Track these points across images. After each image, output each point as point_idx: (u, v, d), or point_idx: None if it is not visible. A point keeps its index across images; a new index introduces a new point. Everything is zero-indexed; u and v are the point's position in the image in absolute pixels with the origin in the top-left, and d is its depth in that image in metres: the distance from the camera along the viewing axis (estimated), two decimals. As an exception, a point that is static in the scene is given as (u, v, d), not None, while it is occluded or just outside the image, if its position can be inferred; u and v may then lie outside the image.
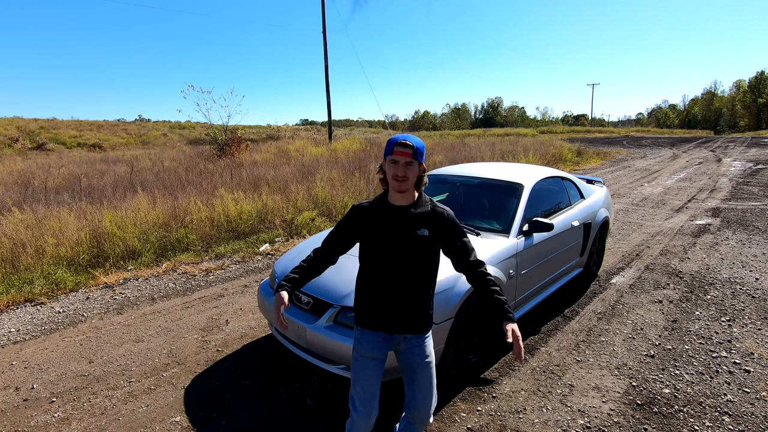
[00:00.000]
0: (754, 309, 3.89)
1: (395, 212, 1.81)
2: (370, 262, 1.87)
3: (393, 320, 1.85)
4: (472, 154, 14.94)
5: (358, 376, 1.91)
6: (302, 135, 34.05)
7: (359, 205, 1.92)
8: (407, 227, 1.79)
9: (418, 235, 1.78)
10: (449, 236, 1.83)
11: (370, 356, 1.89)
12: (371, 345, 1.89)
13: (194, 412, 2.66)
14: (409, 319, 1.85)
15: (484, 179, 4.00)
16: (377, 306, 1.86)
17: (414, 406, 1.91)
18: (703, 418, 2.52)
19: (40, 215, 6.01)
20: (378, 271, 1.85)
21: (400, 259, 1.80)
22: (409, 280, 1.82)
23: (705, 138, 36.83)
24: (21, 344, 3.57)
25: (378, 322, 1.87)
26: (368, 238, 1.86)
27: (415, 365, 1.89)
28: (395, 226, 1.80)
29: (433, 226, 1.81)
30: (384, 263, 1.83)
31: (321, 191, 8.11)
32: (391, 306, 1.84)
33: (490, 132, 47.44)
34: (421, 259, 1.81)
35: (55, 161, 16.49)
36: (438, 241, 1.83)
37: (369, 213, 1.87)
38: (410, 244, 1.78)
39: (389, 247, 1.80)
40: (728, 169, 13.97)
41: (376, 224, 1.83)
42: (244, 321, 3.86)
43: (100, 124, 36.52)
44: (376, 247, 1.83)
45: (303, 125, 67.22)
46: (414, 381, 1.90)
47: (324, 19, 20.51)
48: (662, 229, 6.72)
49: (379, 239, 1.82)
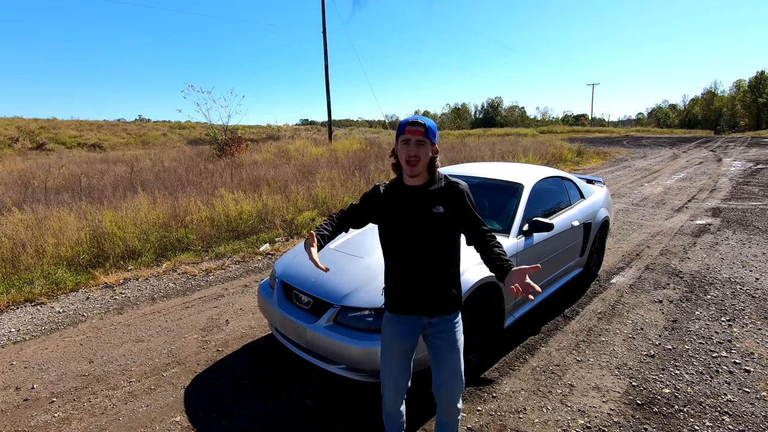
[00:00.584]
0: (754, 309, 3.89)
1: (409, 192, 1.82)
2: (390, 244, 1.88)
3: (416, 302, 1.85)
4: (472, 154, 14.93)
5: (385, 364, 1.95)
6: (302, 135, 34.04)
7: (379, 186, 1.94)
8: (422, 206, 1.79)
9: (433, 213, 1.78)
10: (463, 210, 1.81)
11: (397, 343, 1.91)
12: (397, 332, 1.91)
13: (194, 412, 2.66)
14: (432, 300, 1.84)
15: (485, 179, 4.00)
16: (400, 288, 1.87)
17: (439, 391, 1.91)
18: (703, 417, 2.52)
19: (40, 215, 6.01)
20: (397, 252, 1.86)
21: (417, 239, 1.80)
22: (428, 259, 1.81)
23: (705, 138, 36.82)
24: (21, 344, 3.57)
25: (402, 304, 1.88)
26: (385, 220, 1.87)
27: (439, 350, 1.88)
28: (410, 205, 1.80)
29: (448, 202, 1.80)
30: (402, 244, 1.83)
31: (321, 191, 8.11)
32: (413, 287, 1.84)
33: (490, 132, 47.43)
34: (439, 237, 1.80)
35: (55, 161, 16.49)
36: (454, 217, 1.81)
37: (385, 195, 1.89)
38: (426, 222, 1.78)
39: (406, 228, 1.81)
40: (728, 169, 13.97)
41: (391, 206, 1.85)
42: (244, 321, 3.86)
43: (100, 124, 36.52)
44: (393, 228, 1.85)
45: (303, 125, 67.20)
46: (439, 365, 1.89)
47: (324, 18, 20.52)
48: (662, 228, 6.72)
49: (396, 220, 1.83)
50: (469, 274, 2.75)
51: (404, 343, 1.92)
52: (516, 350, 3.29)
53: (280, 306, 2.95)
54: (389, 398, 1.99)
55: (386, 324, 1.95)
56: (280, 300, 3.00)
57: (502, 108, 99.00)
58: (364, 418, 2.57)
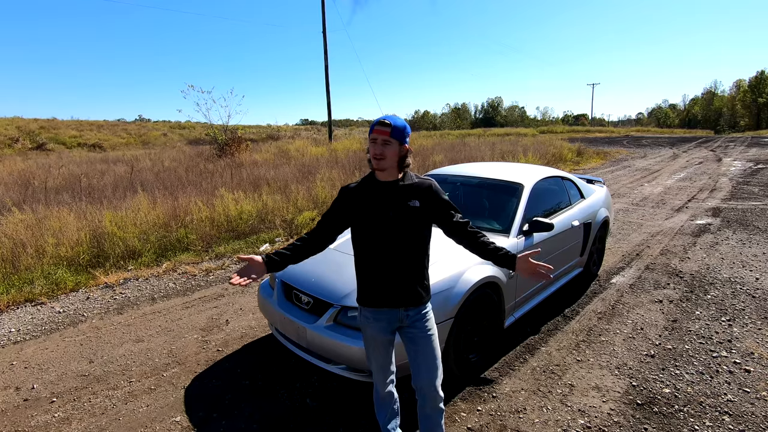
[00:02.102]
0: (754, 309, 3.89)
1: (384, 187, 1.87)
2: (365, 239, 1.91)
3: (392, 294, 1.90)
4: (472, 153, 14.93)
5: (369, 354, 2.05)
6: (302, 135, 34.05)
7: (347, 187, 1.98)
8: (398, 200, 1.85)
9: (410, 206, 1.84)
10: (437, 204, 1.90)
11: (379, 337, 1.98)
12: (376, 324, 1.96)
13: (194, 412, 2.66)
14: (407, 292, 1.90)
15: (485, 179, 4.00)
16: (376, 282, 1.92)
17: (419, 379, 1.95)
18: (703, 417, 2.52)
19: (41, 215, 6.01)
20: (373, 247, 1.89)
21: (394, 232, 1.85)
22: (403, 252, 1.87)
23: (705, 138, 36.81)
24: (21, 344, 3.57)
25: (378, 298, 1.92)
26: (360, 215, 1.90)
27: (416, 338, 1.94)
28: (386, 200, 1.85)
29: (423, 197, 1.87)
30: (378, 238, 1.87)
31: (321, 191, 8.11)
32: (389, 280, 1.89)
33: (490, 132, 47.40)
34: (415, 230, 1.87)
35: (55, 161, 16.49)
36: (428, 211, 1.89)
37: (358, 192, 1.92)
38: (403, 215, 1.84)
39: (383, 221, 1.85)
40: (728, 169, 13.96)
41: (366, 201, 1.88)
42: (244, 321, 3.86)
43: (100, 124, 36.53)
44: (369, 223, 1.87)
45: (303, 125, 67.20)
46: (417, 354, 1.94)
47: (324, 18, 20.52)
48: (662, 228, 6.72)
49: (372, 215, 1.86)
50: (469, 274, 2.75)
51: (386, 336, 1.98)
52: (516, 350, 3.29)
53: (280, 306, 2.95)
54: (381, 389, 2.09)
55: (364, 321, 1.99)
56: (280, 300, 3.00)
57: (502, 108, 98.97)
58: (364, 418, 2.57)
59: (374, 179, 1.91)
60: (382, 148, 1.78)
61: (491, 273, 2.90)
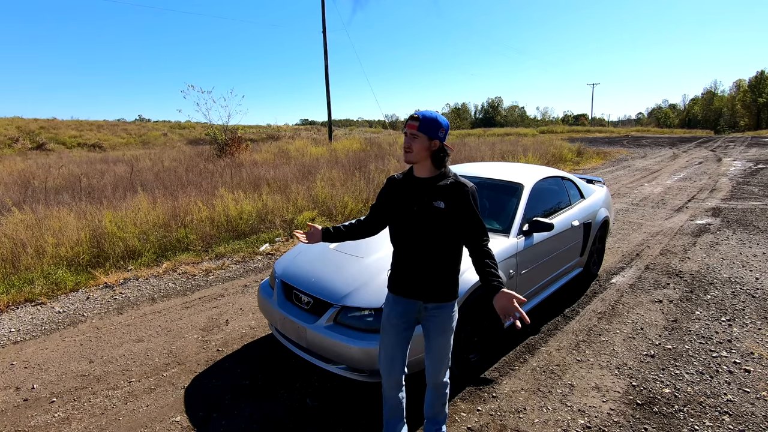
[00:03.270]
0: (754, 309, 3.89)
1: (417, 183, 1.92)
2: (392, 229, 2.01)
3: (412, 286, 1.96)
4: (472, 153, 14.94)
5: (382, 341, 2.08)
6: (302, 135, 34.04)
7: (392, 177, 2.06)
8: (425, 197, 1.88)
9: (434, 206, 1.86)
10: (465, 210, 1.87)
11: (394, 322, 2.02)
12: (394, 310, 2.03)
13: (194, 411, 2.66)
14: (426, 287, 1.94)
15: (485, 179, 4.00)
16: (400, 272, 1.99)
17: (427, 370, 2.07)
18: (703, 417, 2.52)
19: (40, 215, 6.01)
20: (398, 237, 1.98)
21: (415, 227, 1.89)
22: (425, 248, 1.90)
23: (705, 138, 36.82)
24: (21, 344, 3.57)
25: (400, 287, 2.00)
26: (391, 206, 1.99)
27: (429, 333, 2.00)
28: (415, 195, 1.90)
29: (451, 199, 1.86)
30: (402, 230, 1.95)
31: (321, 191, 8.11)
32: (410, 272, 1.95)
33: (490, 132, 47.41)
34: (436, 230, 1.88)
35: (55, 161, 16.49)
36: (453, 214, 1.87)
37: (397, 183, 2.01)
38: (426, 214, 1.87)
39: (407, 215, 1.91)
40: (728, 169, 13.97)
41: (399, 193, 1.96)
42: (244, 321, 3.86)
43: (100, 124, 36.51)
44: (396, 215, 1.96)
45: (303, 125, 67.17)
46: (429, 345, 2.02)
47: (324, 18, 20.52)
48: (662, 228, 6.72)
49: (400, 207, 1.94)
50: (469, 274, 2.75)
51: (399, 321, 2.02)
52: (516, 350, 3.29)
53: (280, 306, 2.95)
54: (386, 381, 2.11)
55: (386, 303, 2.08)
56: (280, 300, 3.00)
57: (502, 108, 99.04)
58: (364, 418, 2.57)
59: (411, 174, 1.96)
60: (410, 141, 1.84)
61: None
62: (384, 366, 2.08)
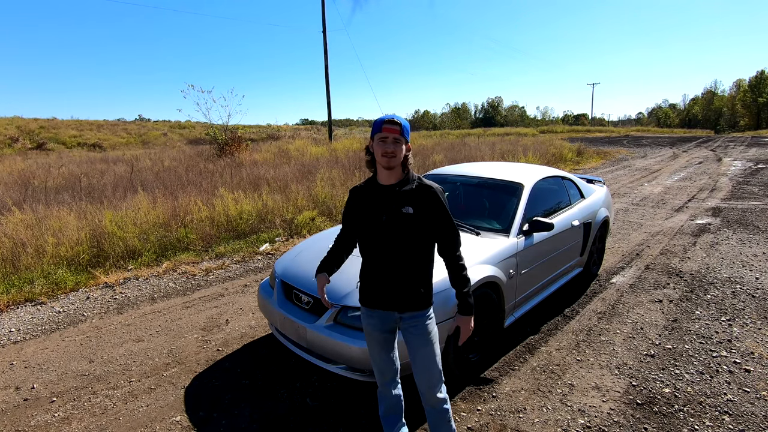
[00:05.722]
0: (754, 308, 3.89)
1: (382, 191, 1.88)
2: (362, 241, 1.96)
3: (385, 298, 1.91)
4: (472, 153, 14.94)
5: (370, 352, 2.06)
6: (302, 135, 34.04)
7: (355, 187, 2.02)
8: (393, 205, 1.84)
9: (403, 212, 1.82)
10: (435, 212, 1.85)
11: (375, 335, 1.99)
12: (370, 324, 1.99)
13: (194, 411, 2.66)
14: (400, 297, 1.89)
15: (484, 179, 4.00)
16: (370, 284, 1.94)
17: (418, 384, 1.98)
18: (703, 417, 2.52)
19: (41, 215, 6.01)
20: (368, 249, 1.92)
21: (386, 237, 1.85)
22: (397, 257, 1.86)
23: (705, 137, 36.80)
24: (21, 344, 3.57)
25: (373, 299, 1.94)
26: (359, 217, 1.94)
27: (412, 344, 1.95)
28: (382, 204, 1.86)
29: (419, 203, 1.84)
30: (372, 241, 1.89)
31: (321, 191, 8.11)
32: (382, 284, 1.90)
33: (490, 131, 47.40)
34: (408, 236, 1.85)
35: (55, 161, 16.49)
36: (423, 219, 1.85)
37: (362, 193, 1.96)
38: (395, 221, 1.83)
39: (376, 225, 1.86)
40: (728, 169, 13.96)
41: (366, 203, 1.91)
42: (244, 321, 3.86)
43: (100, 124, 36.49)
44: (365, 225, 1.91)
45: (303, 125, 67.11)
46: (414, 359, 1.96)
47: (324, 18, 20.51)
48: (662, 228, 6.72)
49: (368, 217, 1.89)
50: (468, 274, 2.74)
51: (380, 335, 1.99)
52: (516, 350, 3.29)
53: (280, 306, 2.95)
54: (379, 382, 2.11)
55: (363, 317, 2.04)
56: (280, 300, 3.00)
57: (502, 108, 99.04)
58: (364, 417, 2.57)
59: (375, 182, 1.91)
60: (393, 146, 1.78)
61: (491, 273, 2.90)
62: (375, 367, 2.08)
